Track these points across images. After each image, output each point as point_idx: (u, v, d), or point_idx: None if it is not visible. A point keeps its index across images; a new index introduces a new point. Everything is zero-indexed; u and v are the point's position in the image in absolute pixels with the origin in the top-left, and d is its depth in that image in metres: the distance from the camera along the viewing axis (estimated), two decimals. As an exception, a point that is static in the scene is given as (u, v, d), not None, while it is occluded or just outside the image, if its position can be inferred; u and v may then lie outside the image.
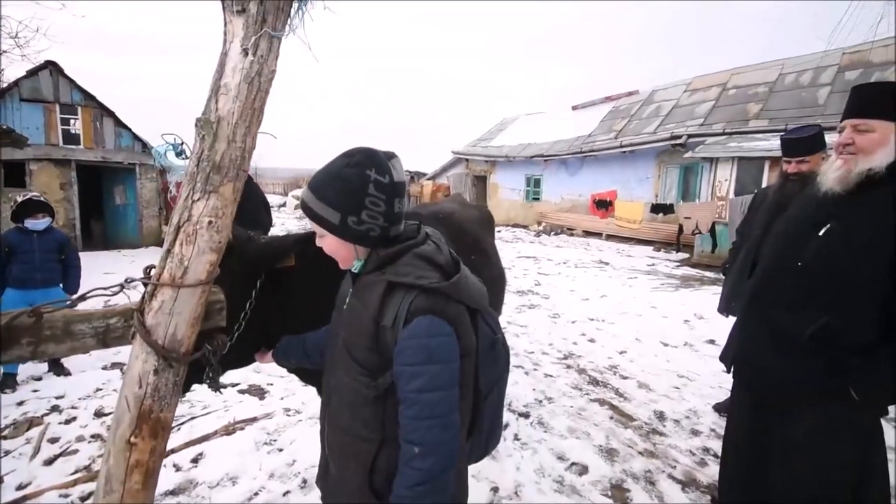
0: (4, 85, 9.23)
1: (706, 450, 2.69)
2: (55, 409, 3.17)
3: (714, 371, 3.83)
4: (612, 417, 3.06)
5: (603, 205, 12.71)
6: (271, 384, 3.52)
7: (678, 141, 11.30)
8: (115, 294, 1.10)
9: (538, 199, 16.48)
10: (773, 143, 8.86)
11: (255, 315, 1.30)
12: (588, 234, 13.73)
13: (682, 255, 10.26)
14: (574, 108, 17.68)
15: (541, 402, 3.27)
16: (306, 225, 1.16)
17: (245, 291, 1.28)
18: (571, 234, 13.98)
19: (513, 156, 16.74)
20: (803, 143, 2.48)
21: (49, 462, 2.55)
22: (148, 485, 1.09)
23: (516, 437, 2.79)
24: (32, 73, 9.50)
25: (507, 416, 2.99)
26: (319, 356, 1.30)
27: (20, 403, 3.22)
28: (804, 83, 10.90)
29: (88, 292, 1.07)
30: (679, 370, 3.86)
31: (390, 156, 1.02)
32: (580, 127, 15.64)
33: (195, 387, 1.34)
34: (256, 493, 2.28)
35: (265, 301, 1.33)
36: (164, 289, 1.07)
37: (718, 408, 3.15)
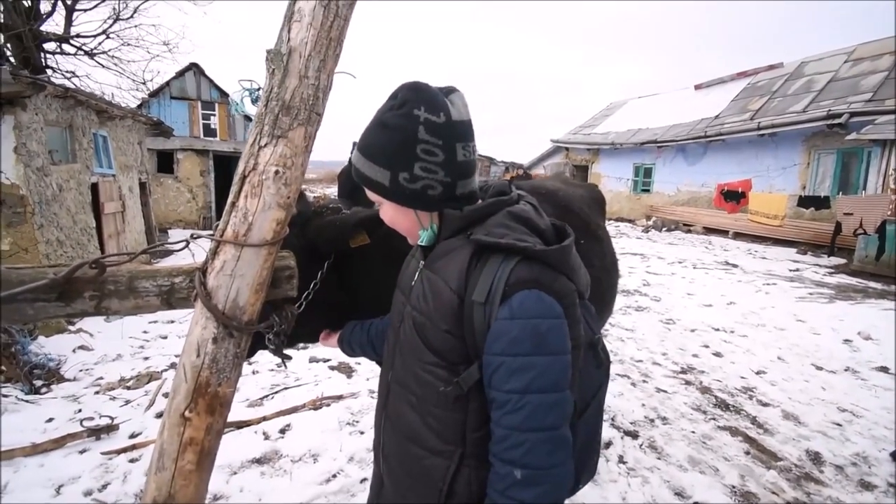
0: (157, 86, 10.94)
1: (888, 513, 2.01)
2: (174, 366, 3.51)
3: (888, 407, 3.00)
4: (748, 452, 2.46)
5: (733, 196, 10.76)
6: (359, 363, 3.51)
7: (837, 121, 9.20)
8: (180, 249, 1.00)
9: (648, 190, 14.91)
10: None
11: (321, 293, 1.14)
12: (709, 231, 12.04)
13: (837, 260, 8.43)
14: (697, 87, 15.65)
15: (652, 421, 2.76)
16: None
17: (309, 270, 1.13)
18: (688, 231, 12.37)
19: (620, 142, 15.35)
20: None
21: (160, 415, 2.78)
22: (203, 466, 0.97)
23: (622, 460, 2.36)
24: (180, 73, 11.11)
25: (609, 433, 2.57)
26: (383, 346, 1.10)
27: (146, 359, 3.63)
28: None
29: (152, 246, 0.97)
30: (840, 402, 3.07)
31: (448, 91, 0.80)
32: (704, 108, 13.73)
33: (292, 356, 1.24)
34: (335, 476, 2.22)
35: (335, 278, 1.18)
36: (226, 247, 0.94)
37: (904, 458, 2.37)
